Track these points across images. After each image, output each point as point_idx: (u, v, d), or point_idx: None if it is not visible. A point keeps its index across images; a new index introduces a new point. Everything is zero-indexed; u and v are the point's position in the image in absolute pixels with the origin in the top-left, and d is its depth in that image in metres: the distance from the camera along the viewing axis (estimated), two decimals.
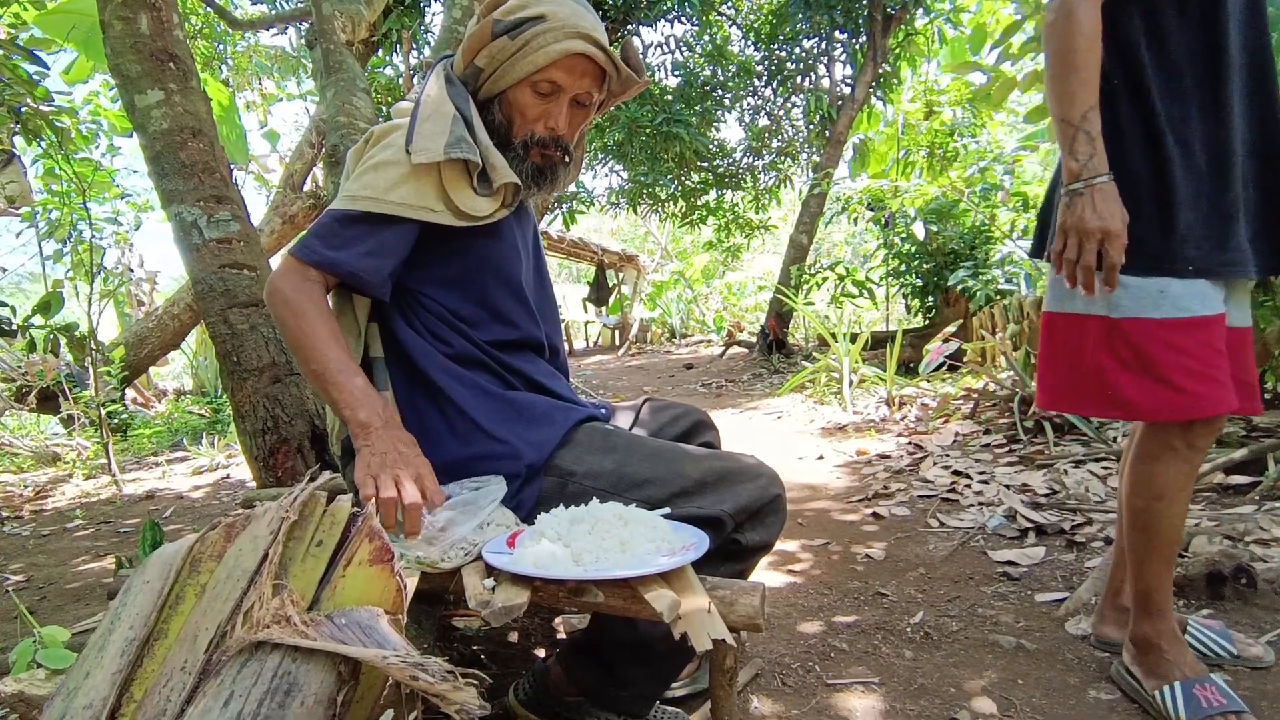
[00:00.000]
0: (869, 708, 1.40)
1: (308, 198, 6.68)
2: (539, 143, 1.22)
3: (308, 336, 1.11)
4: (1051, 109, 1.17)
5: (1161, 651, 1.29)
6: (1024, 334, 3.65)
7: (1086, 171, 1.12)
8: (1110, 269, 1.13)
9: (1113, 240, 1.11)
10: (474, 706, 0.63)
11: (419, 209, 1.14)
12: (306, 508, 0.74)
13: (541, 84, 1.19)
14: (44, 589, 2.41)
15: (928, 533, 2.35)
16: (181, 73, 2.09)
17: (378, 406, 1.10)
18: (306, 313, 1.11)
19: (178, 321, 6.55)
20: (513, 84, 1.19)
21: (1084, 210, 1.12)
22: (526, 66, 1.17)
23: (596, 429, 1.25)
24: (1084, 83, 1.12)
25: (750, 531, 1.17)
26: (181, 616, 0.68)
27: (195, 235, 2.00)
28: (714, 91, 8.67)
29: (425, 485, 1.04)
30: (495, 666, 1.61)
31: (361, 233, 1.14)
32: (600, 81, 1.24)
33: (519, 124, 1.22)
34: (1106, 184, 1.12)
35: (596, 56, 1.19)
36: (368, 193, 1.14)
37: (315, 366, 1.10)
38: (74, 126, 4.16)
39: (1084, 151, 1.12)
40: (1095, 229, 1.11)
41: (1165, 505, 1.25)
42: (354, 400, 1.09)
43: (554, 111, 1.21)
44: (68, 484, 4.48)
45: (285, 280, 1.13)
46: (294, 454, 1.92)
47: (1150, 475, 1.26)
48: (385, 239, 1.15)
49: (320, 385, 1.12)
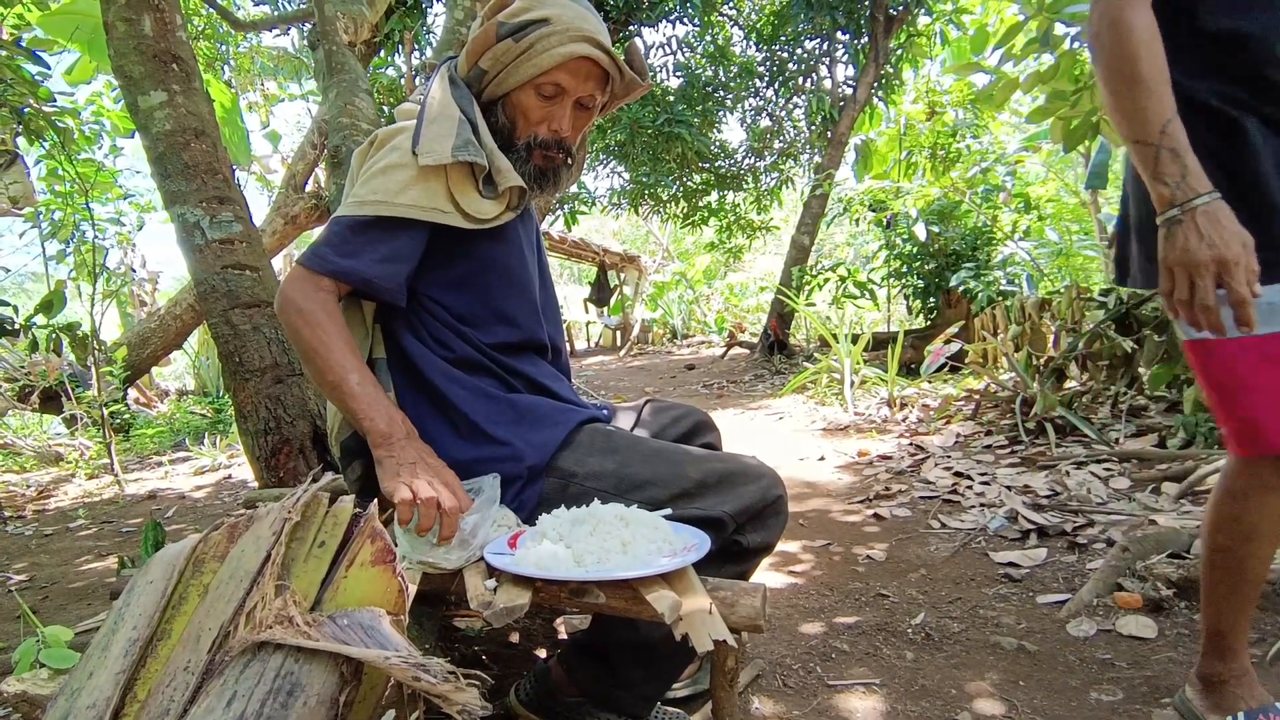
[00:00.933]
0: (870, 709, 1.40)
1: (310, 198, 6.68)
2: (542, 145, 1.22)
3: (324, 347, 1.10)
4: (1120, 131, 1.00)
5: (1229, 686, 1.21)
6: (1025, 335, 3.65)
7: (1180, 195, 0.93)
8: (1239, 304, 0.92)
9: (1233, 270, 0.91)
10: (476, 707, 0.63)
11: (430, 210, 1.14)
12: (309, 508, 0.74)
13: (545, 86, 1.19)
14: (46, 588, 2.42)
15: (929, 534, 2.35)
16: (185, 74, 2.10)
17: (398, 417, 1.11)
18: (321, 323, 1.10)
19: (180, 321, 6.57)
20: (516, 86, 1.20)
21: (1188, 240, 0.93)
22: (530, 69, 1.17)
23: (598, 430, 1.25)
24: (1152, 93, 0.95)
25: (751, 533, 1.17)
26: (185, 617, 0.68)
27: (198, 236, 2.01)
28: (716, 92, 8.67)
29: (455, 492, 1.06)
30: (497, 667, 1.61)
31: (374, 239, 1.13)
32: (603, 84, 1.24)
33: (522, 126, 1.22)
34: (1211, 204, 0.92)
35: (600, 60, 1.19)
36: (377, 196, 1.13)
37: (331, 378, 1.10)
38: (77, 127, 4.17)
39: (1172, 172, 0.94)
40: (1207, 260, 0.91)
41: (1254, 547, 1.12)
42: (374, 411, 1.09)
43: (557, 114, 1.21)
44: (70, 484, 4.49)
45: (296, 290, 1.12)
46: (296, 454, 1.93)
47: (1239, 514, 1.12)
48: (398, 244, 1.15)
49: (337, 396, 1.12)
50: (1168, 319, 2.87)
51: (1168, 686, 1.39)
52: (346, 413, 1.13)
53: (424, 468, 1.06)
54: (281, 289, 1.14)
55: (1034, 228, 6.15)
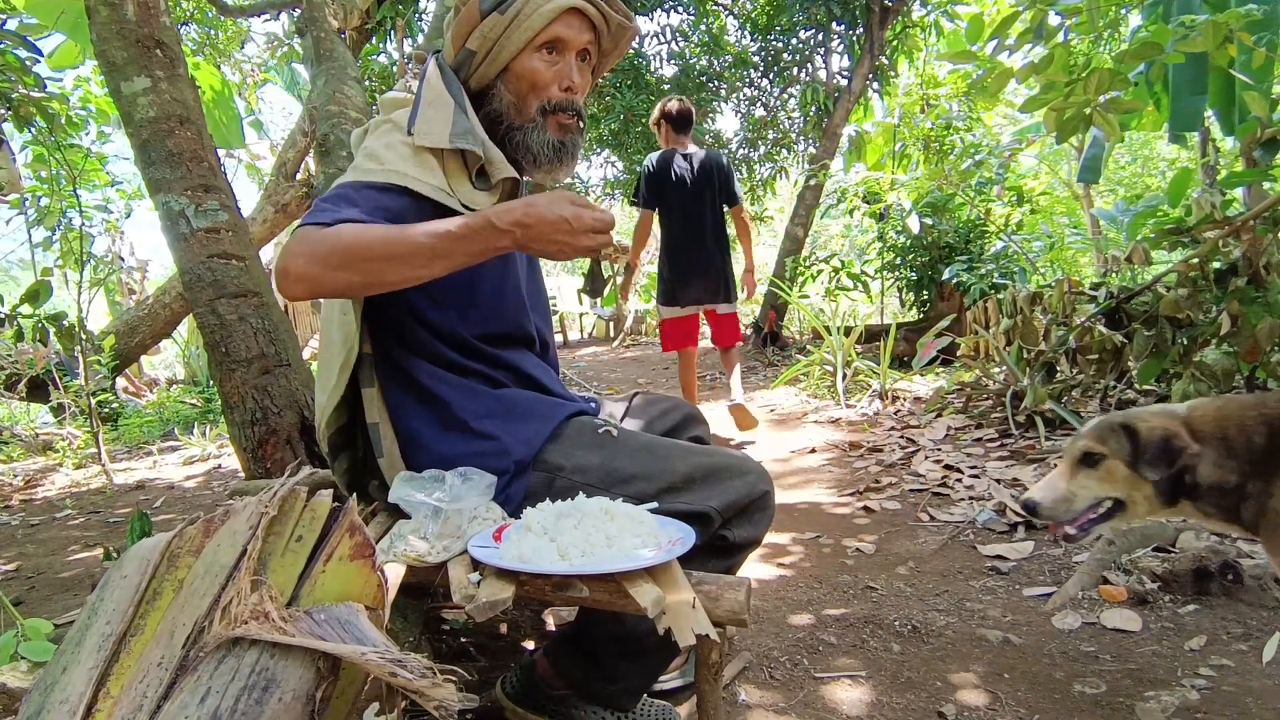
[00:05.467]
0: (856, 700, 1.40)
1: (300, 186, 6.63)
2: (556, 108, 1.20)
3: (368, 245, 0.96)
4: None
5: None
6: (1017, 329, 3.65)
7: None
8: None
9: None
10: (453, 702, 0.63)
11: (436, 190, 1.11)
12: (286, 503, 0.73)
13: (547, 42, 1.18)
14: (33, 578, 2.40)
15: (918, 527, 2.35)
16: (169, 60, 2.07)
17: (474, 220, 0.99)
18: (343, 238, 0.97)
19: (169, 310, 6.52)
20: (516, 54, 1.18)
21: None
22: (526, 33, 1.16)
23: (585, 424, 1.24)
24: None
25: (738, 528, 1.17)
26: (159, 612, 0.67)
27: (183, 225, 1.98)
28: (710, 82, 8.62)
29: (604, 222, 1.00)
30: (484, 660, 1.61)
31: (377, 200, 1.06)
32: (595, 35, 1.23)
33: (531, 94, 1.20)
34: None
35: (588, 10, 1.19)
36: (385, 166, 1.09)
37: (403, 254, 0.97)
38: (63, 112, 4.11)
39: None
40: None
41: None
42: (465, 243, 0.98)
43: (564, 70, 1.20)
44: (58, 473, 4.46)
45: (303, 246, 0.98)
46: (283, 445, 1.91)
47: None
48: (402, 210, 1.07)
49: (429, 263, 0.99)
50: (1157, 314, 2.88)
51: (1151, 679, 1.40)
52: (462, 256, 1.00)
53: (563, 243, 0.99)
54: (289, 259, 0.97)
55: (1027, 221, 6.15)
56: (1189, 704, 1.31)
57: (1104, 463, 1.18)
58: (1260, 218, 2.65)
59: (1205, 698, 1.33)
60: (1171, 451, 1.12)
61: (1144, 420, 1.16)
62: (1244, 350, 2.62)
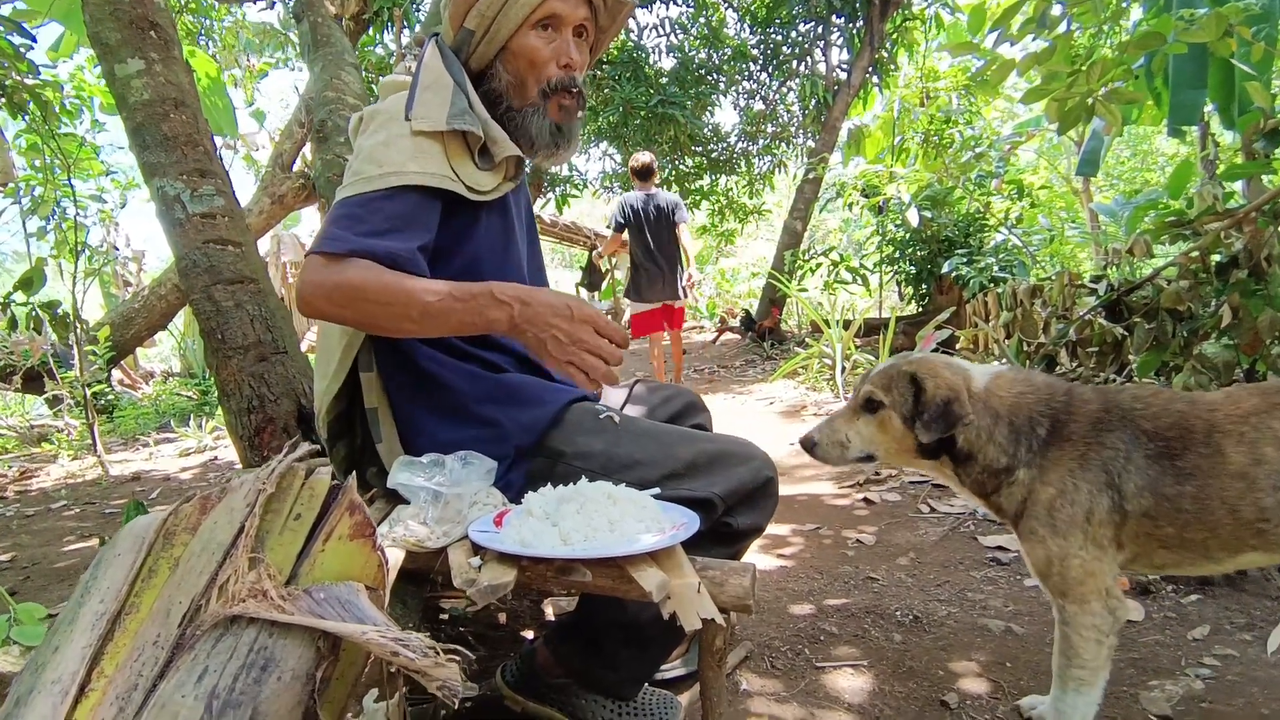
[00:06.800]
0: (858, 689, 1.39)
1: (297, 177, 6.59)
2: (556, 88, 1.19)
3: (383, 296, 0.99)
4: None
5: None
6: (1017, 322, 3.64)
7: None
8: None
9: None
10: (456, 683, 0.61)
11: (443, 179, 1.09)
12: (284, 480, 0.71)
13: (543, 19, 1.16)
14: (28, 569, 2.38)
15: (918, 518, 2.35)
16: (163, 42, 2.04)
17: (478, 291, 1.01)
18: (364, 281, 0.99)
19: (165, 302, 6.48)
20: (513, 31, 1.16)
21: None
22: (522, 9, 1.14)
23: (587, 410, 1.23)
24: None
25: (741, 515, 1.16)
26: (154, 590, 0.66)
27: (178, 210, 1.96)
28: (709, 75, 8.59)
29: (608, 329, 1.00)
30: (484, 649, 1.60)
31: (390, 212, 1.05)
32: (592, 10, 1.21)
33: (531, 74, 1.18)
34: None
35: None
36: (386, 169, 1.06)
37: (414, 314, 1.00)
38: (57, 101, 4.07)
39: None
40: None
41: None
42: (471, 315, 1.00)
43: (562, 47, 1.18)
44: (53, 465, 4.43)
45: (318, 275, 1.00)
46: (280, 433, 1.89)
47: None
48: (414, 213, 1.07)
49: (435, 327, 1.03)
50: (1158, 307, 2.87)
51: (1154, 669, 1.39)
52: (461, 326, 1.03)
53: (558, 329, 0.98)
54: (301, 285, 1.01)
55: (1026, 214, 6.14)
56: (1193, 693, 1.31)
57: (882, 411, 1.17)
58: (1261, 210, 2.64)
59: (1209, 687, 1.32)
60: (950, 417, 1.11)
61: (933, 375, 1.14)
62: (1244, 343, 2.61)
